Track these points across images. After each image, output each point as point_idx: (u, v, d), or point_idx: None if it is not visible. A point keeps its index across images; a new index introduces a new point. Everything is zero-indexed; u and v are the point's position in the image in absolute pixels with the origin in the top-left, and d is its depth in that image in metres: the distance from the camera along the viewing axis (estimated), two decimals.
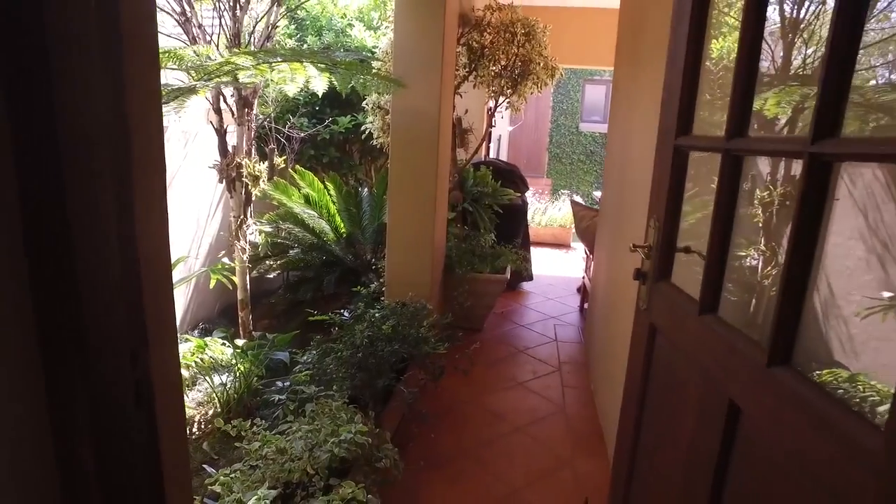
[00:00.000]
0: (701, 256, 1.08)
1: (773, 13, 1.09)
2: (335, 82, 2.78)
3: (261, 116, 4.29)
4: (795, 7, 1.09)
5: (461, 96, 4.41)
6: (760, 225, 1.11)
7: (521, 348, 3.99)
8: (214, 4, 3.06)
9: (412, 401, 2.51)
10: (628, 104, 2.92)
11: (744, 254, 1.13)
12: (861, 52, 0.71)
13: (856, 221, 0.81)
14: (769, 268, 1.06)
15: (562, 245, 7.81)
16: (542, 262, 6.70)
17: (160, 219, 0.72)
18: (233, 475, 1.90)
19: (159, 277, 0.72)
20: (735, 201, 0.99)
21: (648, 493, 1.32)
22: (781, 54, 1.09)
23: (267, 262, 4.36)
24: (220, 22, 3.08)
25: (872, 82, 0.84)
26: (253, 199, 3.35)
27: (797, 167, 0.85)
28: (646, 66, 2.36)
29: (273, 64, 2.50)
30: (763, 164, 1.11)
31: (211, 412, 2.77)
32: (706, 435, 1.00)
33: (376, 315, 2.73)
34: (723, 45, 1.22)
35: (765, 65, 1.07)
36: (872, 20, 0.77)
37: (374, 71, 2.76)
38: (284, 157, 4.40)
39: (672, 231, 1.24)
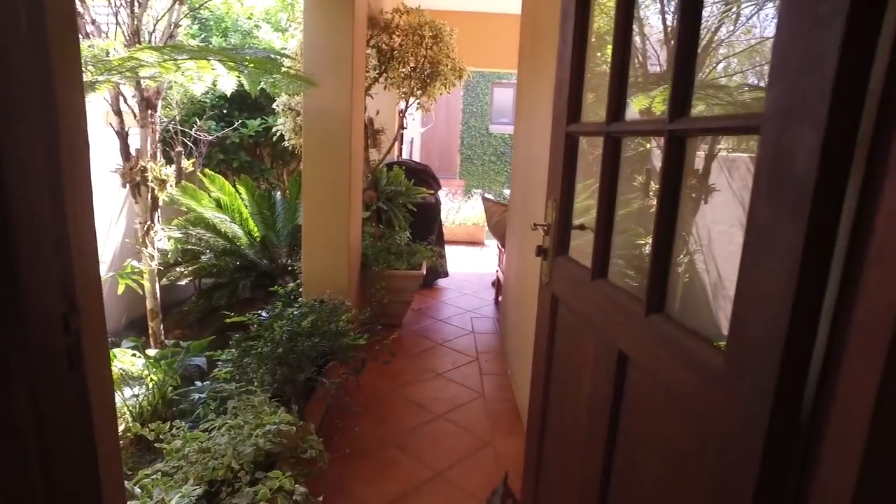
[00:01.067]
0: (591, 230, 1.23)
1: (644, 15, 1.27)
2: (244, 82, 2.76)
3: (165, 119, 4.14)
4: (659, 14, 1.27)
5: (372, 98, 4.48)
6: (646, 205, 1.28)
7: (439, 341, 4.11)
8: (109, 0, 2.94)
9: (334, 391, 2.55)
10: (530, 103, 3.12)
11: (630, 226, 1.30)
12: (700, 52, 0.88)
13: (734, 211, 0.97)
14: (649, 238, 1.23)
15: (476, 243, 8.04)
16: (458, 259, 6.88)
17: (84, 197, 0.76)
18: (154, 476, 1.87)
19: (86, 247, 0.76)
20: (616, 178, 1.15)
21: (558, 446, 1.47)
22: (651, 55, 1.27)
23: (177, 269, 4.21)
24: (117, 19, 2.96)
25: (712, 76, 1.02)
26: (160, 204, 3.24)
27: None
28: (545, 66, 2.55)
29: (179, 61, 2.46)
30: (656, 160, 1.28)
31: (122, 427, 2.66)
32: (602, 383, 1.15)
33: (295, 313, 2.75)
34: (602, 44, 1.39)
35: (644, 64, 1.25)
36: (708, 30, 0.95)
37: (284, 70, 2.76)
38: (193, 160, 4.27)
39: (567, 209, 1.40)
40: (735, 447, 0.74)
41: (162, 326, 3.39)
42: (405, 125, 5.34)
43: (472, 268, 6.55)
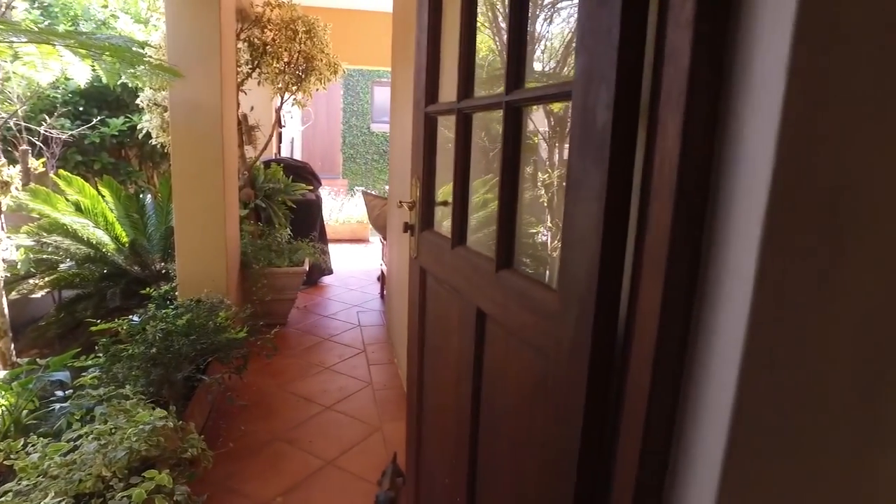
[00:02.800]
0: (448, 205, 1.34)
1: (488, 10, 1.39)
2: (101, 73, 2.57)
3: (3, 115, 3.74)
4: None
5: (246, 93, 4.35)
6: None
7: (326, 337, 4.10)
8: None
9: (217, 390, 2.48)
10: (403, 98, 3.21)
11: (488, 197, 1.42)
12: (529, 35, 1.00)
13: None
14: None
15: (361, 240, 8.04)
16: (343, 257, 6.85)
17: None
18: (3, 498, 1.70)
19: None
20: (469, 152, 1.26)
21: (434, 411, 1.56)
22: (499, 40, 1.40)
23: (31, 281, 3.81)
24: None
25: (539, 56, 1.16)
26: (3, 209, 2.93)
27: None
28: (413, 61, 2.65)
29: (15, 45, 2.23)
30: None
31: None
32: (466, 342, 1.25)
33: (170, 313, 2.63)
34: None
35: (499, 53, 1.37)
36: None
37: (146, 59, 2.61)
38: (43, 160, 3.90)
39: (430, 185, 1.49)
40: (569, 370, 0.86)
41: (13, 346, 3.06)
42: (283, 123, 5.23)
43: (357, 264, 6.55)
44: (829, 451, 0.71)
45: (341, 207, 8.50)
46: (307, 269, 4.34)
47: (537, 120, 1.42)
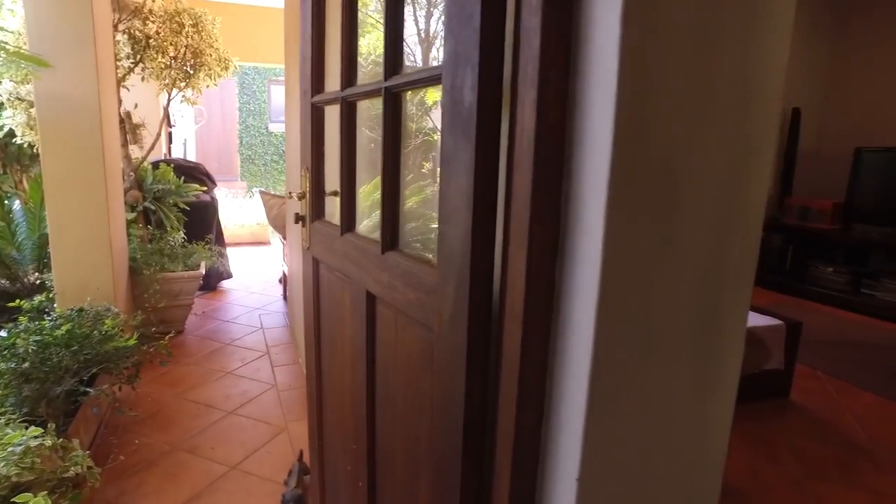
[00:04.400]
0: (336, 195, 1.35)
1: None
2: None
3: None
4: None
5: (128, 89, 4.08)
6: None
7: (227, 342, 3.94)
8: None
9: (102, 400, 2.33)
10: (297, 93, 3.16)
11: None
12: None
13: None
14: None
15: (261, 243, 7.79)
16: (243, 260, 6.61)
17: None
18: None
19: None
20: (354, 141, 1.28)
21: (333, 399, 1.57)
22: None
23: None
24: None
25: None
26: None
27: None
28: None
29: None
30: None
31: None
32: (358, 325, 1.27)
33: (46, 324, 2.43)
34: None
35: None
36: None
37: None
38: None
39: (319, 176, 1.50)
40: (450, 339, 0.90)
41: None
42: (172, 122, 4.96)
43: (258, 267, 6.35)
44: (672, 388, 0.80)
45: (240, 210, 8.19)
46: (203, 273, 4.15)
47: (436, 118, 1.46)
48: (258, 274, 5.96)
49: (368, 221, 1.45)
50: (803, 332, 3.20)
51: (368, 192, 1.46)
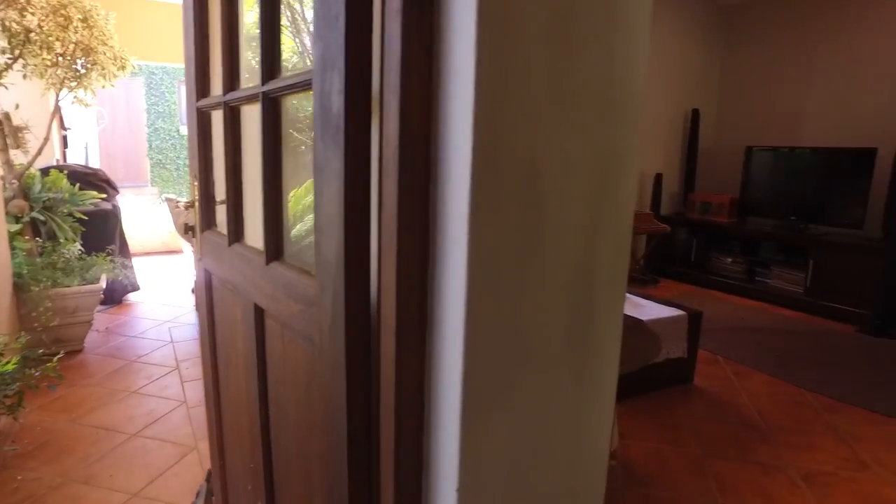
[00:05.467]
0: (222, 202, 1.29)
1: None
2: None
3: None
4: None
5: (6, 88, 3.75)
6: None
7: (132, 358, 3.70)
8: None
9: None
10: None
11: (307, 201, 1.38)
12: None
13: None
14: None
15: (174, 251, 7.39)
16: (154, 270, 6.25)
17: None
18: None
19: None
20: (239, 147, 1.22)
21: (232, 413, 1.50)
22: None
23: None
24: None
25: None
26: None
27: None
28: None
29: None
30: None
31: None
32: (248, 339, 1.22)
33: None
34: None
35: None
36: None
37: None
38: None
39: (208, 184, 1.42)
40: (330, 354, 0.87)
41: None
42: (65, 125, 4.61)
43: (169, 277, 6.02)
44: (549, 391, 0.81)
45: (150, 217, 7.74)
46: (104, 286, 3.88)
47: None
48: (169, 284, 5.66)
49: (302, 226, 1.38)
50: (705, 320, 3.39)
51: (300, 196, 1.39)
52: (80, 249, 4.01)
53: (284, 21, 1.34)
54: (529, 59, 0.69)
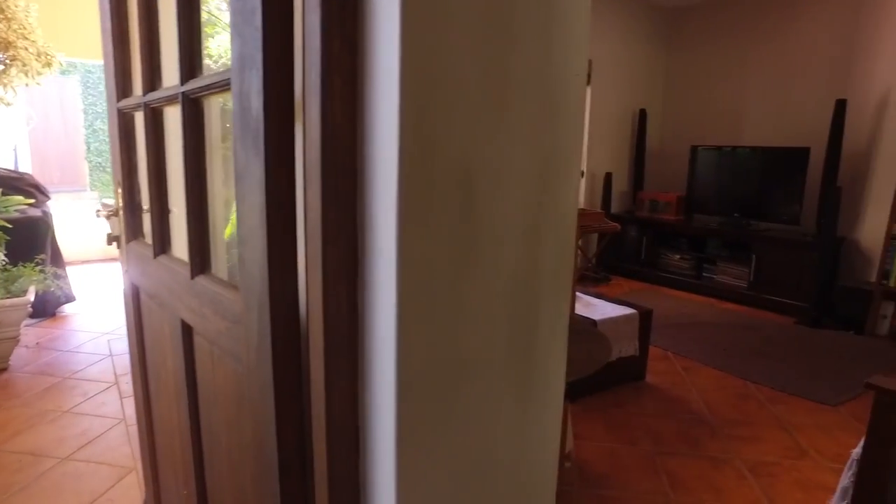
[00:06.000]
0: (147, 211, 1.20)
1: None
2: None
3: None
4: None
5: None
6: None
7: (66, 375, 3.49)
8: None
9: None
10: None
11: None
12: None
13: None
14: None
15: (114, 259, 7.05)
16: (92, 279, 5.94)
17: None
18: None
19: None
20: (162, 151, 1.14)
21: (164, 435, 1.40)
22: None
23: None
24: None
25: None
26: None
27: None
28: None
29: None
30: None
31: None
32: (177, 357, 1.13)
33: None
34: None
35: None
36: None
37: None
38: None
39: (133, 191, 1.32)
40: (258, 375, 0.81)
41: None
42: None
43: (108, 286, 5.73)
44: (491, 404, 0.77)
45: (88, 224, 7.35)
46: (32, 299, 3.64)
47: None
48: (109, 293, 5.38)
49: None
50: (655, 317, 3.44)
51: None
52: (4, 260, 3.75)
53: (220, 15, 1.25)
54: (461, 54, 0.65)
